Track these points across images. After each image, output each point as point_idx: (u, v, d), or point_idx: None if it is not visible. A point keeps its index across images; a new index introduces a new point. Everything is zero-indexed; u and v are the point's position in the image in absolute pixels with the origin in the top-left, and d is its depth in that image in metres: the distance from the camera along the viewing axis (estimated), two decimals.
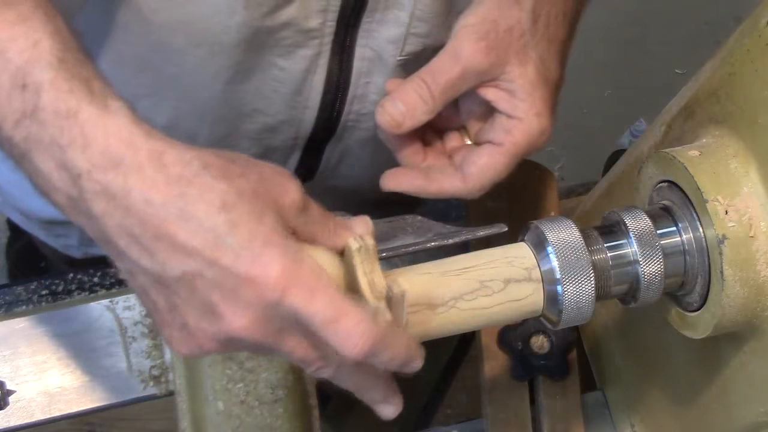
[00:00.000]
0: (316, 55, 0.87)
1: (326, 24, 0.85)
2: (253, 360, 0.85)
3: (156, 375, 0.92)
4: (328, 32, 0.86)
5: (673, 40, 2.56)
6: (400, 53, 0.88)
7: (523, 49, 0.79)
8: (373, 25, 0.86)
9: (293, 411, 0.86)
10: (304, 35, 0.85)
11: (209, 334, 0.61)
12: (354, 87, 0.91)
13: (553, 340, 0.93)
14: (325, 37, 0.86)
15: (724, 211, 0.67)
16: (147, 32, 0.84)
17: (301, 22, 0.84)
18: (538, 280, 0.68)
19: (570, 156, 2.37)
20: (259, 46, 0.85)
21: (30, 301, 0.97)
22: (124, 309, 0.94)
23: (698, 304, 0.71)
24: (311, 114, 0.92)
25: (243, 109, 0.92)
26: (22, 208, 1.13)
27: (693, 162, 0.69)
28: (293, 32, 0.85)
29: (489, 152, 0.80)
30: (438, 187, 0.81)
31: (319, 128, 0.94)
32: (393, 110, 0.79)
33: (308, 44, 0.86)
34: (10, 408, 0.90)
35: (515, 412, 0.93)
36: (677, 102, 0.79)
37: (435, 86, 0.79)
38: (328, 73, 0.89)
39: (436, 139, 0.85)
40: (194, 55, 0.86)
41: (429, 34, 0.87)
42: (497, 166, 0.80)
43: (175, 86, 0.89)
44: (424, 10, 0.85)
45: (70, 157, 0.60)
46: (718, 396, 0.77)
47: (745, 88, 0.69)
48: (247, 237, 0.59)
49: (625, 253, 0.70)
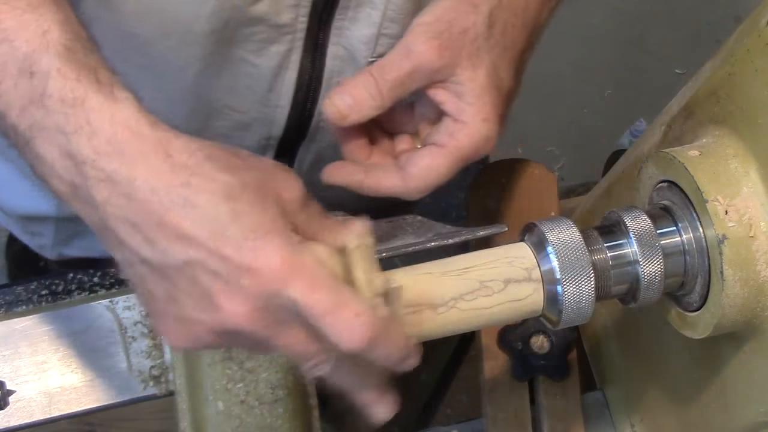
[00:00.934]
0: (288, 51, 0.87)
1: (298, 20, 0.85)
2: (253, 360, 0.85)
3: (156, 375, 0.92)
4: (300, 28, 0.86)
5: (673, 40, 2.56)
6: (371, 54, 0.88)
7: (476, 53, 0.79)
8: (345, 22, 0.86)
9: (293, 411, 0.86)
10: (276, 30, 0.85)
11: (207, 325, 0.61)
12: (326, 86, 0.90)
13: (553, 340, 0.93)
14: (297, 33, 0.86)
15: (724, 211, 0.67)
16: (117, 22, 0.83)
17: (272, 16, 0.84)
18: (538, 280, 0.68)
19: (570, 156, 2.37)
20: (230, 39, 0.85)
21: (30, 301, 0.97)
22: (124, 309, 0.94)
23: (698, 304, 0.71)
24: (283, 113, 0.92)
25: (215, 104, 0.92)
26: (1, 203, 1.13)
27: (693, 162, 0.69)
28: (265, 27, 0.85)
29: (431, 154, 0.79)
30: (376, 183, 0.80)
31: (291, 128, 0.94)
32: (339, 102, 0.79)
33: (280, 40, 0.86)
34: (10, 408, 0.90)
35: (515, 412, 0.93)
36: (677, 102, 0.79)
37: (383, 82, 0.78)
38: (300, 70, 0.89)
39: (386, 140, 0.85)
40: (164, 45, 0.85)
41: (400, 35, 0.87)
42: (439, 168, 0.78)
43: (146, 77, 0.89)
44: (395, 11, 0.85)
45: (75, 145, 0.60)
46: (718, 396, 0.77)
47: (745, 88, 0.69)
48: (250, 227, 0.59)
49: (625, 253, 0.70)
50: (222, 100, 0.91)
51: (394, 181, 0.79)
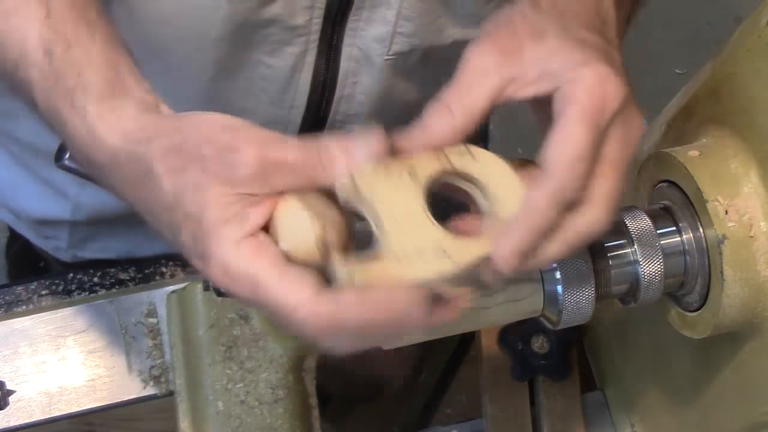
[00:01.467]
0: (302, 53, 0.87)
1: (312, 21, 0.85)
2: (253, 360, 0.85)
3: (156, 375, 0.92)
4: (314, 30, 0.86)
5: (673, 40, 2.56)
6: (387, 53, 0.88)
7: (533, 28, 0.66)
8: (359, 23, 0.86)
9: (293, 411, 0.86)
10: (290, 32, 0.85)
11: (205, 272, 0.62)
12: (341, 87, 0.91)
13: (553, 340, 0.93)
14: (311, 35, 0.86)
15: (724, 211, 0.67)
16: (132, 26, 0.84)
17: (287, 18, 0.84)
18: (538, 280, 0.68)
19: None
20: (245, 42, 0.85)
21: (30, 301, 0.97)
22: (124, 309, 0.94)
23: (698, 304, 0.71)
24: (298, 114, 0.92)
25: (230, 107, 0.92)
26: (13, 207, 1.13)
27: (693, 162, 0.69)
28: (279, 29, 0.85)
29: (557, 130, 0.63)
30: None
31: (306, 129, 0.94)
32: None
33: (295, 42, 0.86)
34: (10, 408, 0.90)
35: (515, 412, 0.93)
36: (677, 102, 0.79)
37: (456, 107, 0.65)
38: (315, 71, 0.89)
39: None
40: (180, 50, 0.86)
41: (416, 33, 0.87)
42: (574, 135, 0.62)
43: (162, 83, 0.89)
44: (410, 9, 0.85)
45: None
46: (718, 396, 0.77)
47: (745, 88, 0.69)
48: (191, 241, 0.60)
49: (625, 253, 0.70)
50: (237, 102, 0.91)
51: None
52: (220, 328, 0.86)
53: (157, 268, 1.00)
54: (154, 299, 0.94)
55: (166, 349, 0.92)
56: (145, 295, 0.95)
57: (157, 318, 0.94)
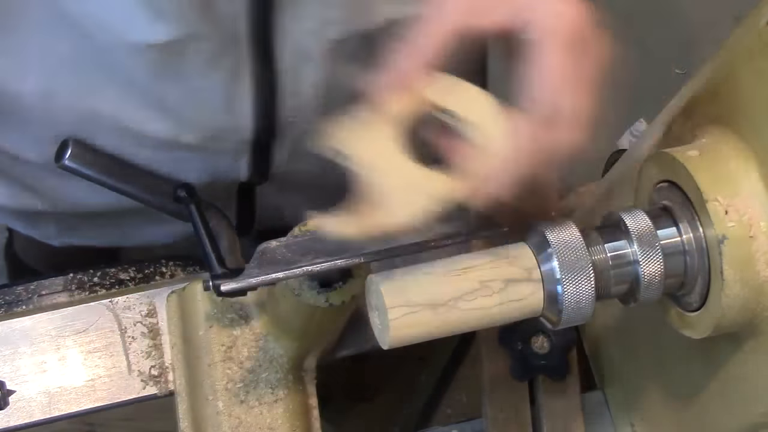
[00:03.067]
0: (236, 63, 0.87)
1: (239, 30, 0.84)
2: (253, 360, 0.86)
3: (156, 375, 0.92)
4: (242, 38, 0.85)
5: (673, 40, 2.56)
6: (323, 43, 0.88)
7: None
8: (286, 21, 0.85)
9: (293, 411, 0.86)
10: (219, 44, 0.85)
11: None
12: (284, 85, 0.90)
13: (553, 340, 0.93)
14: (241, 43, 0.85)
15: (724, 211, 0.67)
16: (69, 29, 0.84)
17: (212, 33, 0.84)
18: (538, 280, 0.68)
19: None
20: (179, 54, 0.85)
21: (30, 301, 0.97)
22: (124, 309, 0.94)
23: (698, 304, 0.71)
24: (247, 120, 0.92)
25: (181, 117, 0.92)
26: None
27: (693, 162, 0.69)
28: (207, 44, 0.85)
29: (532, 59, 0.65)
30: None
31: (260, 130, 0.94)
32: None
33: (226, 53, 0.86)
34: (10, 408, 0.90)
35: (515, 412, 0.93)
36: (677, 102, 0.79)
37: None
38: (254, 77, 0.88)
39: None
40: (116, 54, 0.85)
41: (347, 20, 0.86)
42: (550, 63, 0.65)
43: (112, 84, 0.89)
44: None
45: None
46: (717, 396, 0.77)
47: (745, 88, 0.68)
48: None
49: (625, 253, 0.70)
50: (185, 112, 0.91)
51: None
52: (220, 328, 0.86)
53: (157, 268, 1.00)
54: (154, 299, 0.94)
55: (165, 349, 0.92)
56: (145, 295, 0.95)
57: (157, 318, 0.94)
